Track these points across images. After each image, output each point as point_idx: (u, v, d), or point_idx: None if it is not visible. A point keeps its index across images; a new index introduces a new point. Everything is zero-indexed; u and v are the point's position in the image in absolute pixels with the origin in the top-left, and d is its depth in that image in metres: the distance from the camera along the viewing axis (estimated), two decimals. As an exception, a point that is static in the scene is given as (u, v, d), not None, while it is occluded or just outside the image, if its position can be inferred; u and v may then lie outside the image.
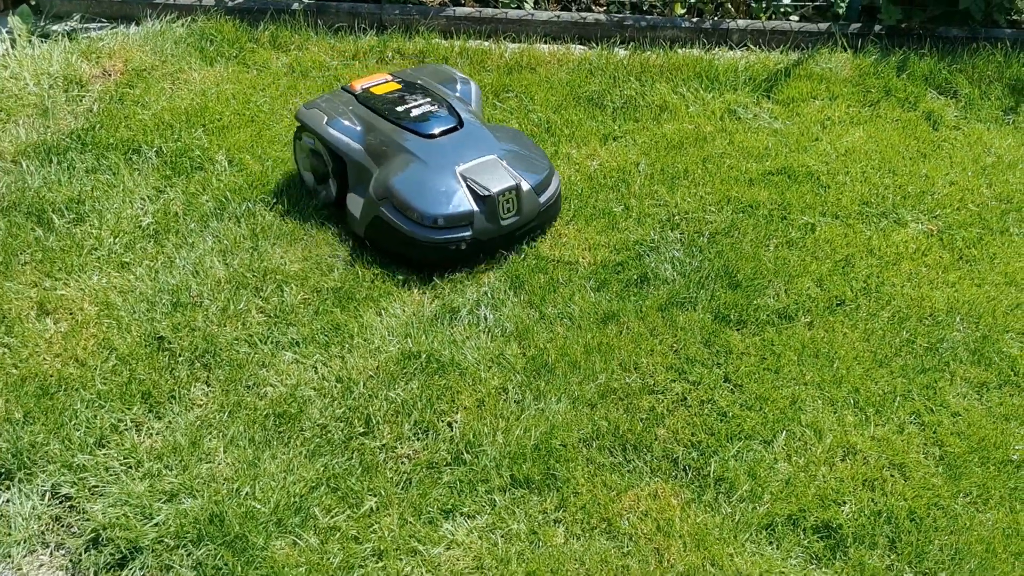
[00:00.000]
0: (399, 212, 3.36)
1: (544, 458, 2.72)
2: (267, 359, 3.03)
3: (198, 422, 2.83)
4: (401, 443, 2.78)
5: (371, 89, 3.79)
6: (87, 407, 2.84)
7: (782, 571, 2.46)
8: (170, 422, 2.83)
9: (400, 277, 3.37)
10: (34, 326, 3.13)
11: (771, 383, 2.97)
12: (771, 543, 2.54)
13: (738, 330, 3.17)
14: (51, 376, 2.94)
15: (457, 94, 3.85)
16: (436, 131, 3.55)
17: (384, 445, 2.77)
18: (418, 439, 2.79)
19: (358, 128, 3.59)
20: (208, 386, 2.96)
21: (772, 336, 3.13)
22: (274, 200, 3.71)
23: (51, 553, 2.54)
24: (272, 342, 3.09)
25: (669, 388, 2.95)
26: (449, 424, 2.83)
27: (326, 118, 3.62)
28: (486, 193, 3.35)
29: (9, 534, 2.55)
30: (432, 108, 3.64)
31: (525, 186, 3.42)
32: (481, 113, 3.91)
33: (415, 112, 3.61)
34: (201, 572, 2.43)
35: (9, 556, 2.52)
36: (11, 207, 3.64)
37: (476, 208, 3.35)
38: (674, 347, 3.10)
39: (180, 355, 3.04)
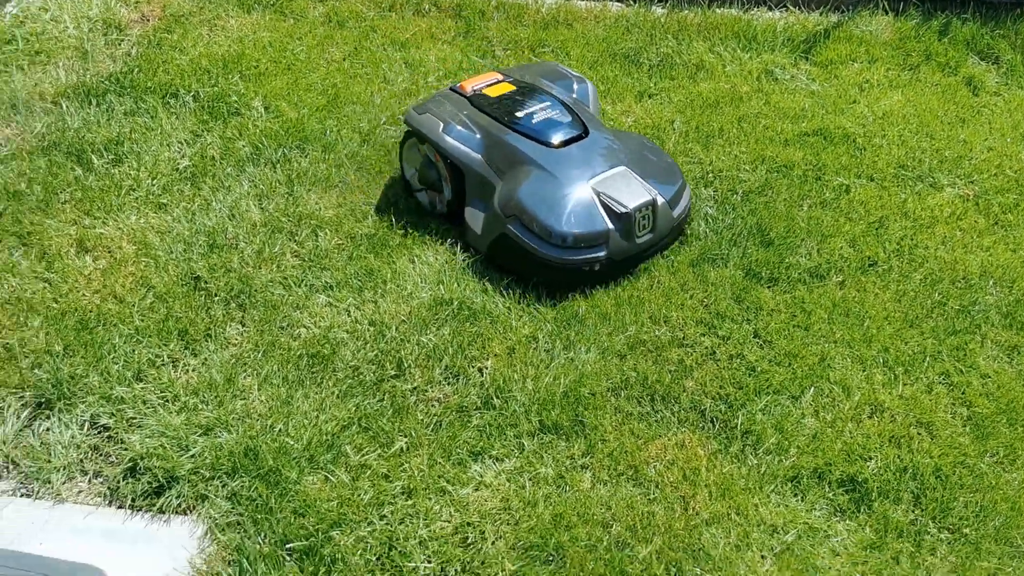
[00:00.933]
0: (528, 230, 3.10)
1: (572, 405, 2.75)
2: (301, 301, 3.07)
3: (233, 360, 2.88)
4: (432, 386, 2.82)
5: (484, 91, 3.49)
6: (125, 342, 2.90)
7: (806, 522, 2.49)
8: (206, 359, 2.88)
9: (433, 226, 3.39)
10: (73, 262, 3.18)
11: (801, 340, 2.97)
12: (796, 495, 2.56)
13: (769, 287, 3.17)
14: (90, 311, 3.00)
15: (574, 95, 3.58)
16: (562, 139, 3.27)
17: (415, 388, 2.81)
18: (449, 383, 2.83)
19: (476, 136, 3.29)
20: (243, 326, 3.01)
21: (803, 294, 3.13)
22: (309, 147, 3.73)
23: (89, 480, 2.61)
24: (306, 285, 3.13)
25: (698, 342, 2.97)
26: (479, 370, 2.87)
27: (442, 125, 3.32)
28: (623, 210, 3.07)
29: (49, 461, 2.62)
30: (554, 113, 3.35)
31: (660, 200, 3.16)
32: (599, 115, 3.67)
33: (537, 118, 3.32)
34: (236, 502, 2.50)
35: (49, 482, 2.59)
36: (51, 147, 3.69)
37: (611, 226, 3.08)
38: (704, 302, 3.11)
39: (216, 295, 3.09)
